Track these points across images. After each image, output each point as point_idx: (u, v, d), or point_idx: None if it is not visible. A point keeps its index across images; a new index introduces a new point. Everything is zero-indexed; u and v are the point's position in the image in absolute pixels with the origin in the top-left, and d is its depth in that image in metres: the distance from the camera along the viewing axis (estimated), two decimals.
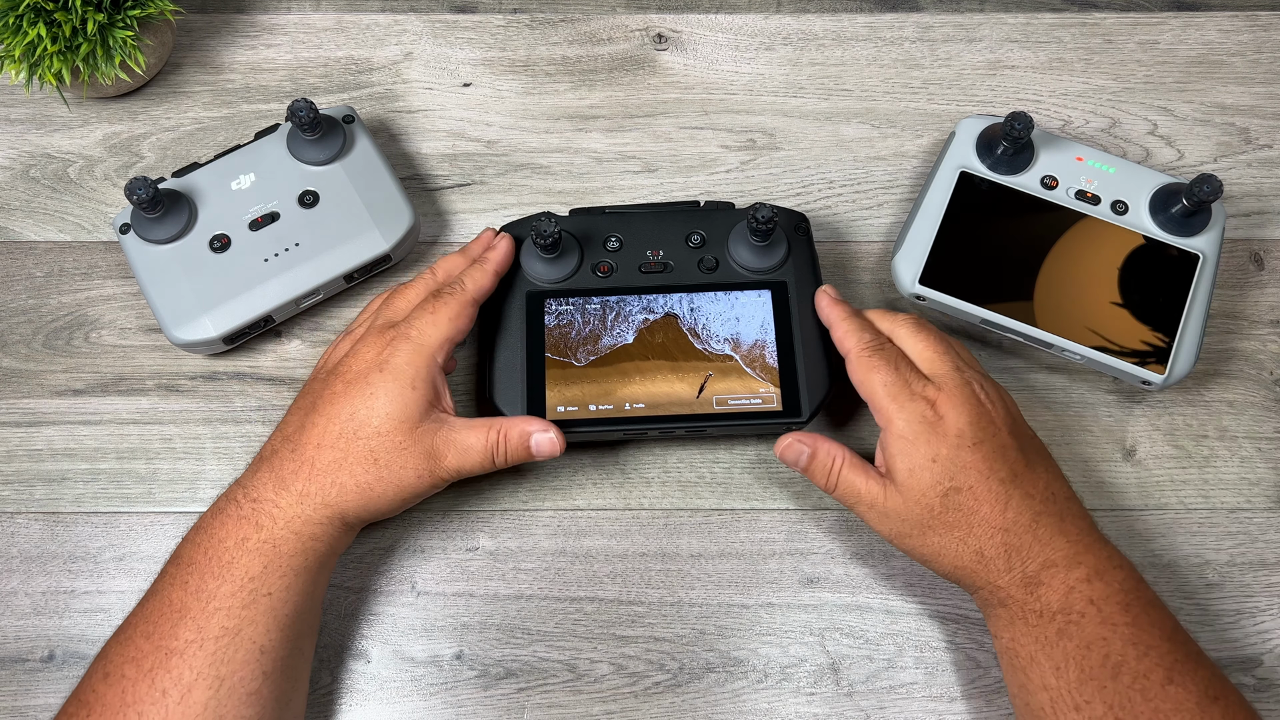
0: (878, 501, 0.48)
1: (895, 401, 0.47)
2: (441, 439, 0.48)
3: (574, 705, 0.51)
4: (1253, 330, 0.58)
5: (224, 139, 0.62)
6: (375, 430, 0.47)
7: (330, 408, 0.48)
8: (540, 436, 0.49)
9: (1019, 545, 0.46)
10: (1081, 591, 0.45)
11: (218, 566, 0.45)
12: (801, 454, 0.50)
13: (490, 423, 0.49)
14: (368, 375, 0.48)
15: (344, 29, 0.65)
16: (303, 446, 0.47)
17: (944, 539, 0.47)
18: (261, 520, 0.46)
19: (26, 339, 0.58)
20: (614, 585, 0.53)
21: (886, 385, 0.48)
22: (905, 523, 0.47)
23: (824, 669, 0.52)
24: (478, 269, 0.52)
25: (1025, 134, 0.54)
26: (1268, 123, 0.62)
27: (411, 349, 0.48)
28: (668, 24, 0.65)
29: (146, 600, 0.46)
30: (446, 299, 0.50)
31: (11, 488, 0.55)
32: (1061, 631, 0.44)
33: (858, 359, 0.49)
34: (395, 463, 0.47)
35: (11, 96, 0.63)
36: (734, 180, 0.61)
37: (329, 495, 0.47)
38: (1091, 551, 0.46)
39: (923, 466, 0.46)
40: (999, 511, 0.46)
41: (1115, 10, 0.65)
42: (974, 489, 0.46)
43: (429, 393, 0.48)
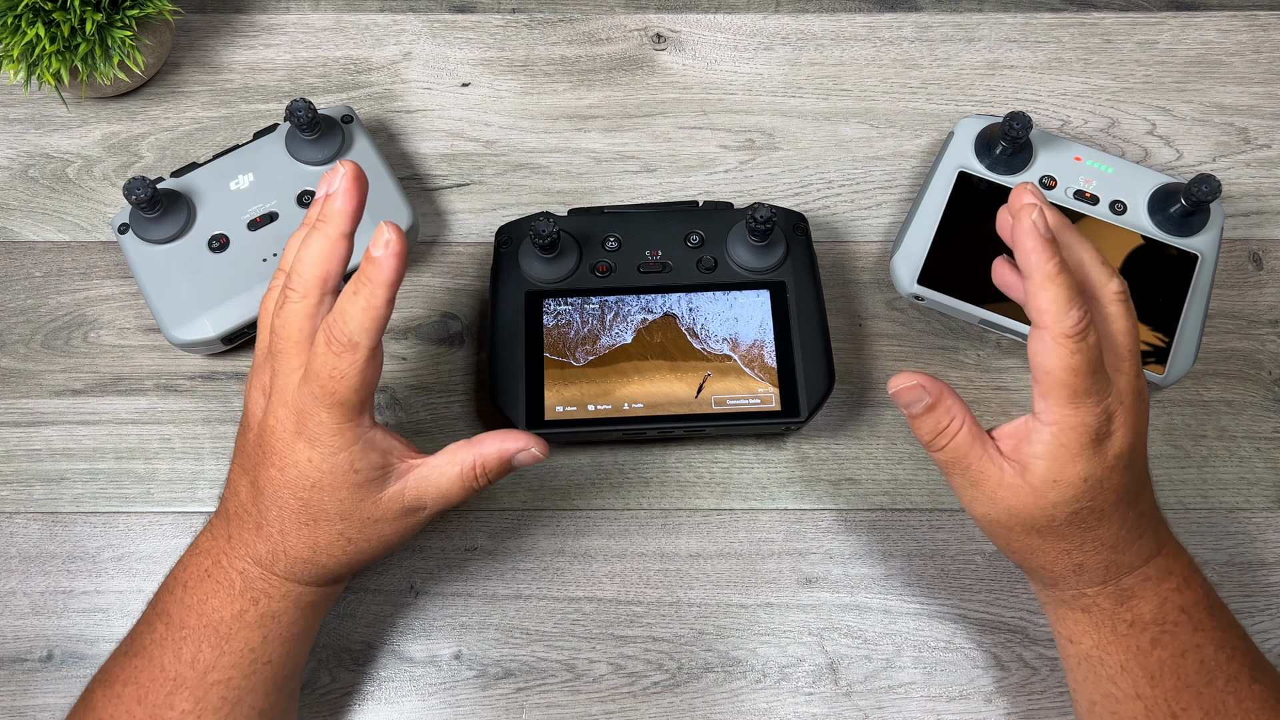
0: (990, 486, 0.42)
1: (1076, 405, 0.40)
2: (412, 493, 0.43)
3: (572, 705, 0.51)
4: (1251, 330, 0.58)
5: (223, 139, 0.62)
6: (338, 513, 0.43)
7: (277, 495, 0.42)
8: (521, 456, 0.45)
9: (1120, 562, 0.43)
10: (1174, 601, 0.43)
11: (215, 638, 0.43)
12: (920, 400, 0.43)
13: (460, 456, 0.44)
14: (298, 460, 0.42)
15: (343, 29, 0.65)
16: (267, 529, 0.43)
17: (1047, 545, 0.43)
18: (256, 595, 0.44)
19: (25, 339, 0.58)
20: (612, 585, 0.53)
21: (1075, 387, 0.40)
22: (1012, 517, 0.43)
23: (822, 669, 0.52)
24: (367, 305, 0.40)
25: (1024, 134, 0.54)
26: (1266, 122, 0.62)
27: (335, 422, 0.41)
28: (666, 24, 0.65)
29: (133, 654, 0.44)
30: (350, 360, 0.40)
31: (10, 488, 0.55)
32: (1156, 641, 0.43)
33: (1057, 342, 0.39)
34: (371, 533, 0.44)
35: (10, 96, 0.63)
36: (732, 180, 0.61)
37: (314, 572, 0.44)
38: (1179, 558, 0.45)
39: (1070, 483, 0.41)
40: (1115, 530, 0.43)
41: (1114, 10, 0.65)
42: (1104, 511, 0.42)
43: (375, 460, 0.42)
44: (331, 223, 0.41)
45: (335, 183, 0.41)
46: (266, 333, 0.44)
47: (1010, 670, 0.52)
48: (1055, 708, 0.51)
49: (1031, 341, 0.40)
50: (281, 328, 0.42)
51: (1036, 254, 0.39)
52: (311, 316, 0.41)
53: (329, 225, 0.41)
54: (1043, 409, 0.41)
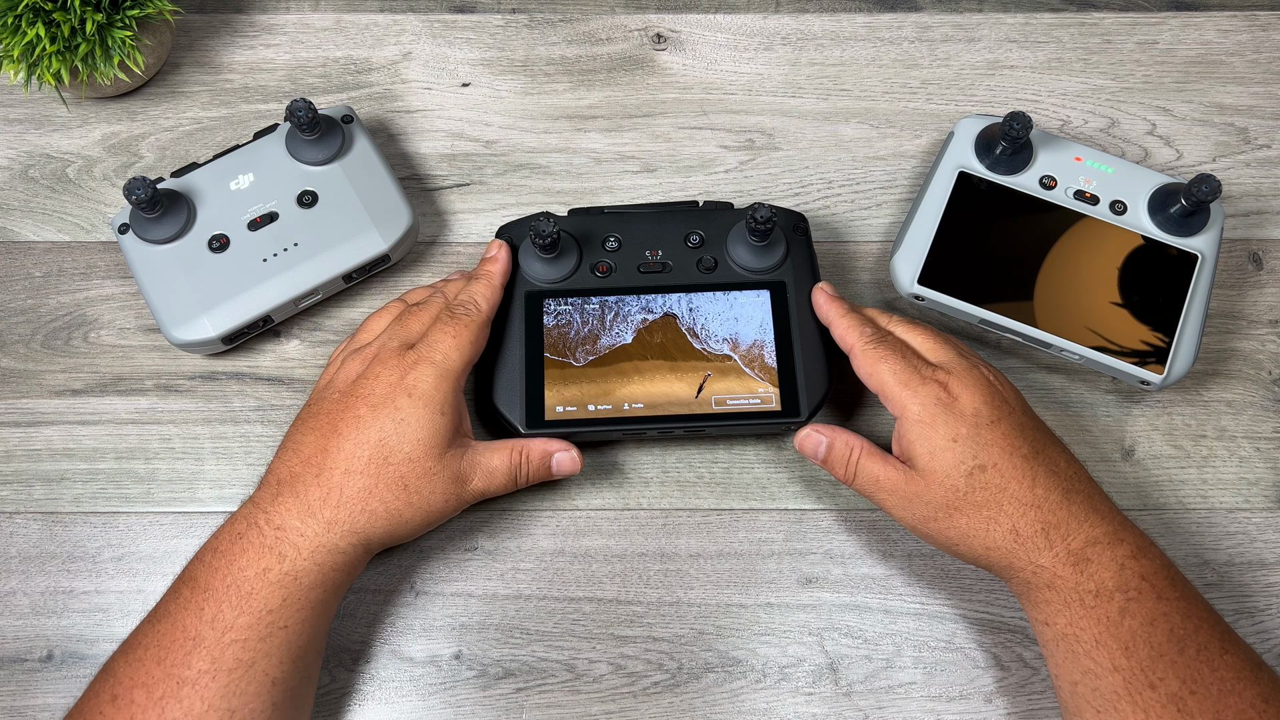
0: (899, 487, 0.47)
1: (907, 388, 0.47)
2: (467, 463, 0.49)
3: (573, 705, 0.51)
4: (1251, 330, 0.58)
5: (223, 139, 0.62)
6: (407, 456, 0.47)
7: (356, 432, 0.47)
8: (562, 456, 0.50)
9: (1055, 522, 0.45)
10: (1131, 568, 0.45)
11: (236, 596, 0.44)
12: (820, 445, 0.50)
13: (512, 444, 0.50)
14: (394, 399, 0.47)
15: (343, 29, 0.65)
16: (328, 471, 0.47)
17: (973, 520, 0.46)
18: (285, 550, 0.45)
19: (25, 339, 0.58)
20: (613, 585, 0.53)
21: (896, 373, 0.48)
22: (930, 506, 0.47)
23: (823, 669, 0.52)
24: (485, 285, 0.52)
25: (1024, 134, 0.54)
26: (1266, 123, 0.62)
27: (437, 374, 0.48)
28: (666, 24, 0.65)
29: (157, 620, 0.45)
30: (465, 321, 0.50)
31: (10, 488, 0.55)
32: (1124, 610, 0.44)
33: (862, 352, 0.49)
34: (425, 488, 0.47)
35: (10, 96, 0.63)
36: (733, 180, 0.61)
37: (358, 523, 0.46)
38: (1128, 529, 0.46)
39: (944, 448, 0.46)
40: (1027, 488, 0.46)
41: (1114, 10, 0.65)
42: (999, 465, 0.46)
43: (455, 418, 0.48)
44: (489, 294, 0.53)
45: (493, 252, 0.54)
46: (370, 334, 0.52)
47: (1010, 670, 0.52)
48: (1055, 708, 0.51)
49: (855, 366, 0.50)
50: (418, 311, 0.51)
51: (829, 306, 0.52)
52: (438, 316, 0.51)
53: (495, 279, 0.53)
54: (895, 410, 0.48)
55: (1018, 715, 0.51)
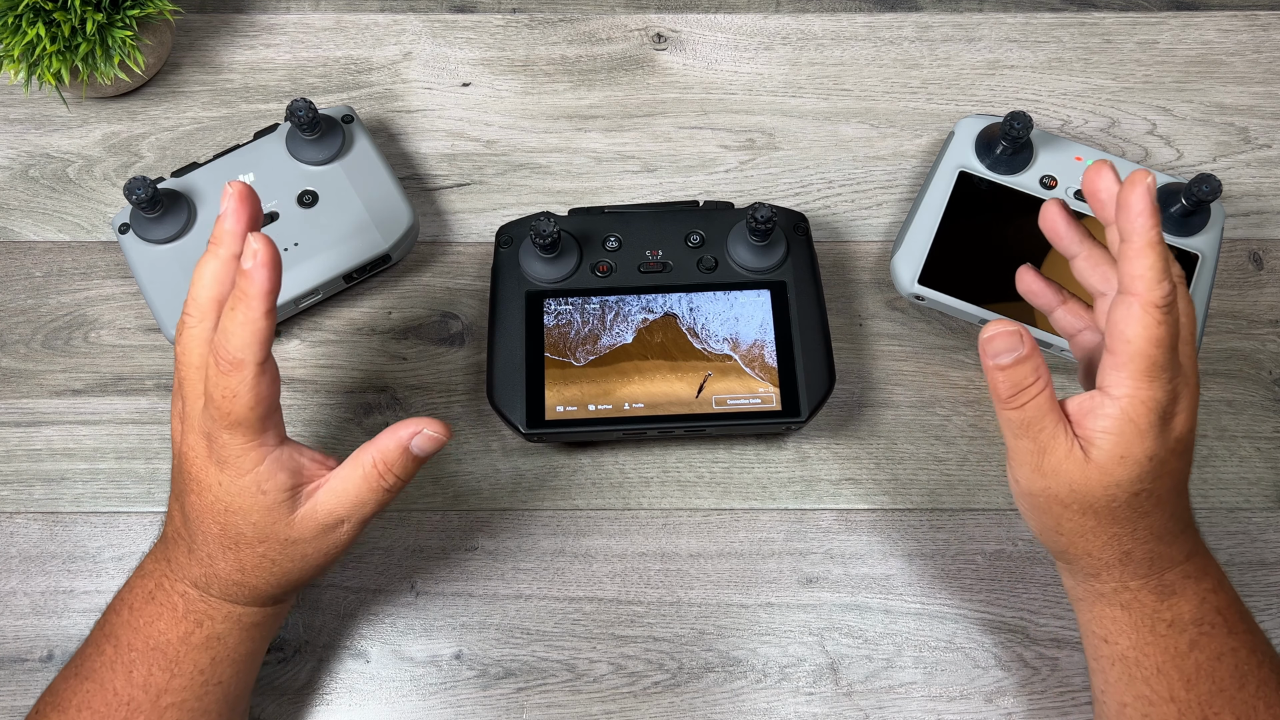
0: (1057, 457, 0.41)
1: (1150, 379, 0.39)
2: (324, 509, 0.43)
3: (573, 705, 0.51)
4: (1252, 330, 0.58)
5: (223, 139, 0.62)
6: (255, 538, 0.42)
7: (199, 518, 0.43)
8: (418, 440, 0.43)
9: (1165, 554, 0.43)
10: (1211, 602, 0.43)
11: (164, 660, 0.43)
12: (1014, 351, 0.40)
13: (361, 458, 0.43)
14: (209, 477, 0.42)
15: (343, 29, 0.65)
16: (197, 550, 0.43)
17: (1100, 528, 0.42)
18: (199, 617, 0.44)
19: (25, 339, 0.58)
20: (613, 585, 0.53)
21: (1154, 359, 0.39)
22: (1073, 494, 0.41)
23: (823, 669, 0.52)
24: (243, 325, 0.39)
25: (1024, 133, 0.54)
26: (1267, 122, 0.62)
27: (236, 441, 0.41)
28: (667, 24, 0.65)
29: (84, 677, 0.44)
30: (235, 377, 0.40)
31: (10, 488, 0.55)
32: (1194, 643, 0.43)
33: (1145, 310, 0.38)
34: (294, 553, 0.43)
35: (11, 96, 0.63)
36: (733, 180, 0.61)
37: (251, 592, 0.44)
38: (1211, 560, 0.45)
39: (1136, 460, 0.40)
40: (1164, 520, 0.42)
41: (1114, 10, 0.65)
42: (1159, 496, 0.41)
43: (283, 473, 0.42)
44: (222, 244, 0.41)
45: (224, 203, 0.42)
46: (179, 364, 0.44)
47: (1011, 670, 0.52)
48: (1055, 708, 0.51)
49: (1115, 309, 0.39)
50: (183, 353, 0.42)
51: (1144, 218, 0.38)
52: (208, 340, 0.41)
53: (220, 246, 0.41)
54: (1114, 381, 0.40)
55: (1018, 715, 0.51)
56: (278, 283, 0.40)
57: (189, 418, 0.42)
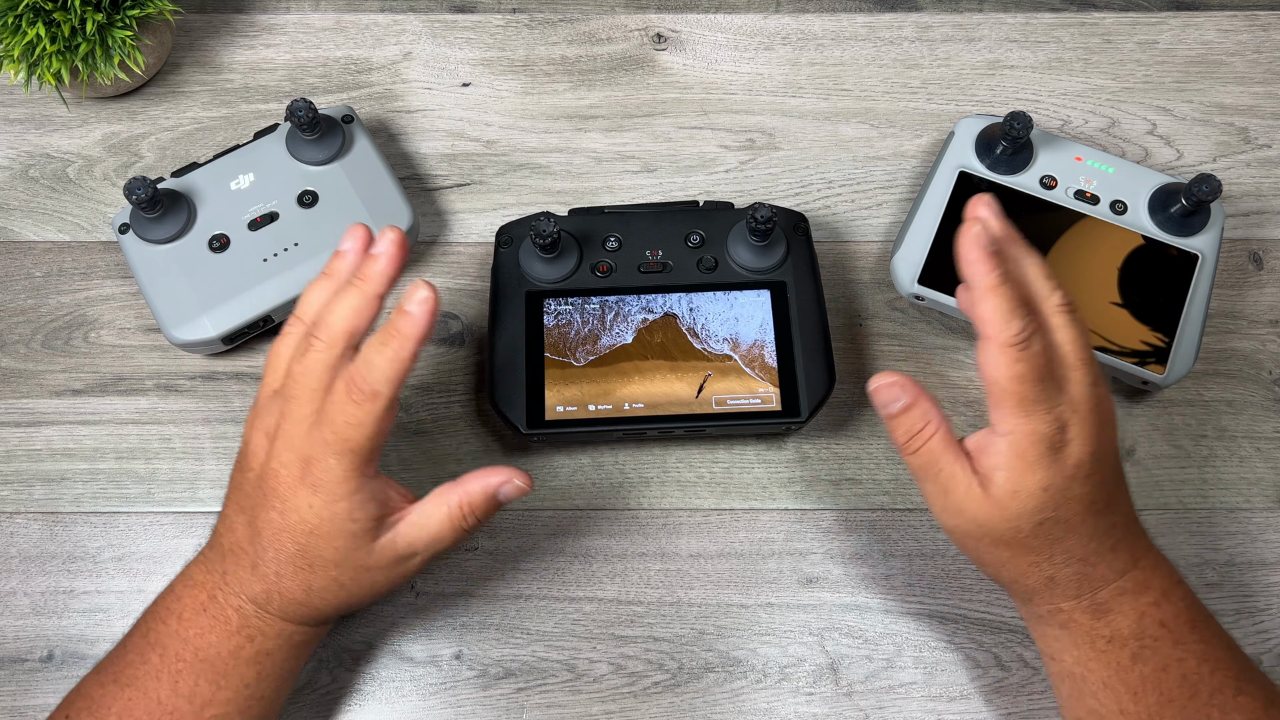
0: (959, 496, 0.43)
1: (1026, 414, 0.41)
2: (404, 541, 0.44)
3: (573, 705, 0.51)
4: (1252, 330, 0.58)
5: (223, 139, 0.62)
6: (332, 561, 0.43)
7: (275, 535, 0.43)
8: (506, 489, 0.45)
9: (1093, 575, 0.43)
10: (1152, 615, 0.43)
11: (212, 672, 0.44)
12: (898, 400, 0.43)
13: (447, 498, 0.44)
14: (300, 497, 0.42)
15: (343, 29, 0.65)
16: (262, 566, 0.43)
17: (1017, 557, 0.43)
18: (251, 633, 0.44)
19: (25, 339, 0.58)
20: (613, 585, 0.53)
21: (1022, 396, 0.41)
22: (980, 529, 0.43)
23: (823, 669, 0.52)
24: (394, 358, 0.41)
25: (1024, 134, 0.54)
26: (1267, 122, 0.62)
27: (341, 467, 0.41)
28: (667, 24, 0.65)
29: (125, 685, 0.44)
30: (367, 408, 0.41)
31: (10, 488, 0.55)
32: (1136, 656, 0.43)
33: (1001, 351, 0.40)
34: (364, 579, 0.44)
35: (11, 96, 0.63)
36: (733, 180, 0.61)
37: (310, 610, 0.45)
38: (1157, 570, 0.44)
39: (1032, 494, 0.41)
40: (1083, 543, 0.43)
41: (1114, 10, 0.65)
42: (1069, 521, 0.42)
43: (373, 504, 0.43)
44: (371, 283, 0.43)
45: (381, 245, 0.43)
46: (276, 376, 0.45)
47: (1011, 670, 0.52)
48: (1055, 708, 0.51)
49: (978, 353, 0.42)
50: (302, 374, 0.42)
51: (978, 265, 0.41)
52: (333, 367, 0.42)
53: (368, 285, 0.43)
54: (997, 419, 0.42)
55: (1018, 715, 0.51)
56: (432, 331, 0.42)
57: (285, 435, 0.42)
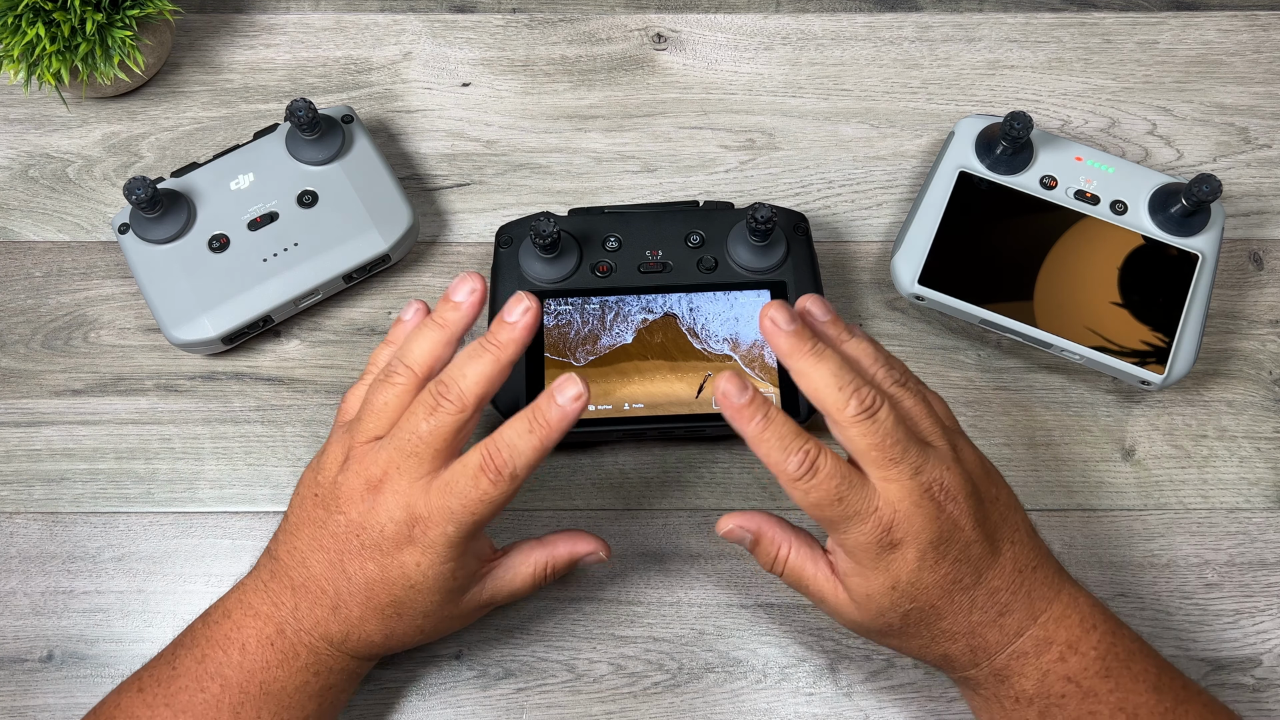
0: (831, 603, 0.44)
1: (838, 531, 0.41)
2: (488, 594, 0.46)
3: (573, 705, 0.51)
4: (1252, 330, 0.58)
5: (223, 139, 0.62)
6: (423, 612, 0.44)
7: (367, 587, 0.43)
8: (589, 559, 0.48)
9: (984, 645, 0.43)
10: (1056, 672, 0.42)
11: (277, 706, 0.44)
12: (745, 538, 0.46)
13: (534, 557, 0.46)
14: (405, 562, 0.42)
15: (343, 29, 0.65)
16: (343, 609, 0.43)
17: (905, 643, 0.44)
18: (320, 669, 0.44)
19: (25, 339, 0.58)
20: (613, 585, 0.53)
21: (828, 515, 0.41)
22: (859, 626, 0.45)
23: (823, 669, 0.52)
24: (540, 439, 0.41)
25: (1024, 134, 0.54)
26: (1267, 122, 0.62)
27: (457, 529, 0.41)
28: (667, 24, 0.65)
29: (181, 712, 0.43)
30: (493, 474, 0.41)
31: (10, 488, 0.55)
32: (1043, 714, 0.43)
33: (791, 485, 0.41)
34: (444, 627, 0.46)
35: (10, 96, 0.63)
36: (733, 180, 0.61)
37: (379, 651, 0.45)
38: (1063, 623, 0.43)
39: (880, 593, 0.42)
40: (962, 618, 0.42)
41: (1114, 10, 0.65)
42: (936, 607, 0.42)
43: (473, 568, 0.44)
44: (505, 350, 0.42)
45: (515, 314, 0.42)
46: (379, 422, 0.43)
47: None
48: None
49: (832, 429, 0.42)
50: (430, 435, 0.41)
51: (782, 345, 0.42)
52: (461, 430, 0.42)
53: (502, 352, 0.42)
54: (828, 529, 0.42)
55: None
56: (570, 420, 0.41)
57: (397, 492, 0.42)
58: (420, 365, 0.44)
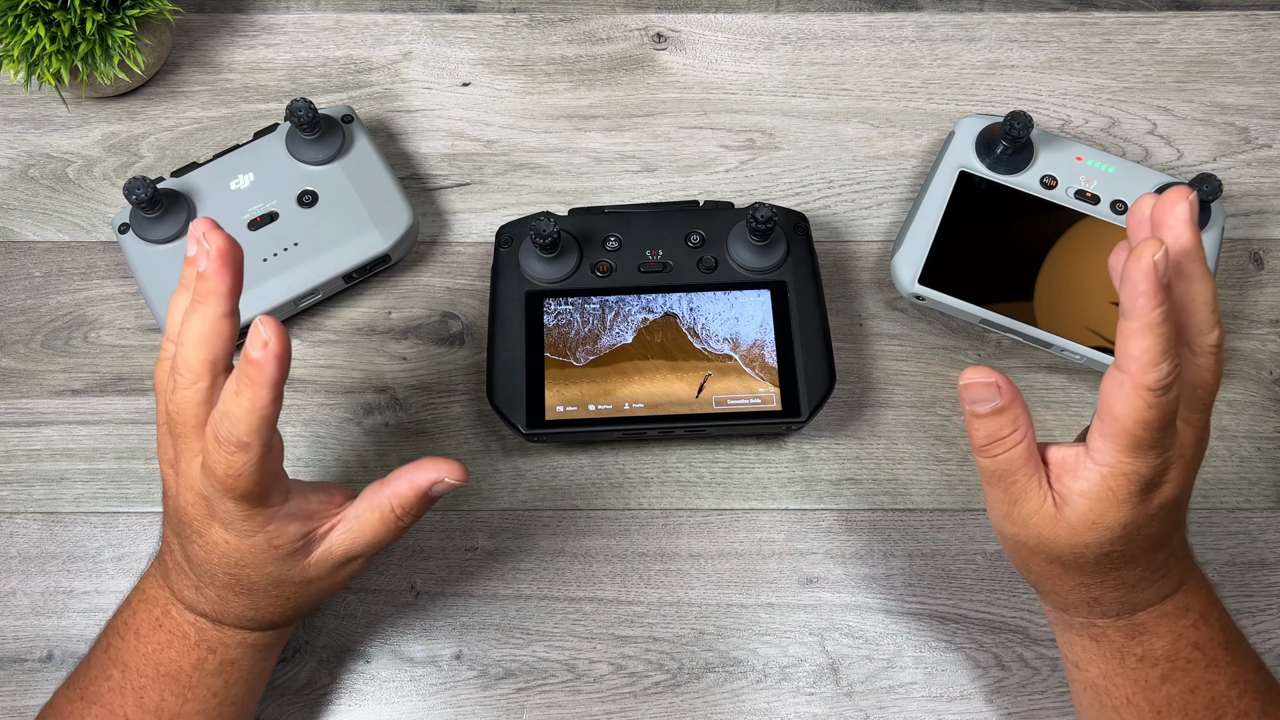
0: (1029, 509, 0.40)
1: (1135, 455, 0.38)
2: (340, 549, 0.42)
3: (573, 705, 0.51)
4: (1252, 330, 0.58)
5: (223, 139, 0.62)
6: (265, 584, 0.42)
7: (208, 566, 0.42)
8: (438, 488, 0.43)
9: (1136, 599, 0.42)
10: (1188, 638, 0.43)
11: (177, 687, 0.43)
12: (991, 400, 0.39)
13: (376, 500, 0.42)
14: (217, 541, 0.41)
15: (343, 28, 0.65)
16: (204, 590, 0.43)
17: (1068, 576, 0.42)
18: (211, 645, 0.44)
19: (25, 339, 0.58)
20: (613, 585, 0.53)
21: (1139, 440, 0.37)
22: (1041, 544, 0.41)
23: (823, 669, 0.52)
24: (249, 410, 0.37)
25: (1024, 133, 0.54)
26: (1267, 122, 0.62)
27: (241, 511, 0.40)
28: (667, 23, 0.65)
29: (91, 702, 0.43)
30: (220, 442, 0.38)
31: (10, 488, 0.55)
32: (1166, 677, 0.42)
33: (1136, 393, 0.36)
34: (309, 591, 0.44)
35: (10, 96, 0.63)
36: (733, 180, 0.61)
37: (258, 622, 0.44)
38: (1198, 593, 0.44)
39: (1109, 528, 0.39)
40: (1136, 573, 0.42)
41: (1114, 10, 0.65)
42: (1133, 556, 0.41)
43: (294, 532, 0.41)
44: (208, 303, 0.38)
45: (202, 262, 0.38)
46: (162, 404, 0.42)
47: (1011, 670, 0.52)
48: (1056, 708, 0.51)
49: (1107, 380, 0.37)
50: (177, 413, 0.40)
51: (1144, 299, 0.35)
52: (205, 401, 0.39)
53: (207, 306, 0.38)
54: (1099, 449, 0.38)
55: (1018, 715, 0.51)
56: (287, 371, 0.37)
57: (183, 474, 0.41)
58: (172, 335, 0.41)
